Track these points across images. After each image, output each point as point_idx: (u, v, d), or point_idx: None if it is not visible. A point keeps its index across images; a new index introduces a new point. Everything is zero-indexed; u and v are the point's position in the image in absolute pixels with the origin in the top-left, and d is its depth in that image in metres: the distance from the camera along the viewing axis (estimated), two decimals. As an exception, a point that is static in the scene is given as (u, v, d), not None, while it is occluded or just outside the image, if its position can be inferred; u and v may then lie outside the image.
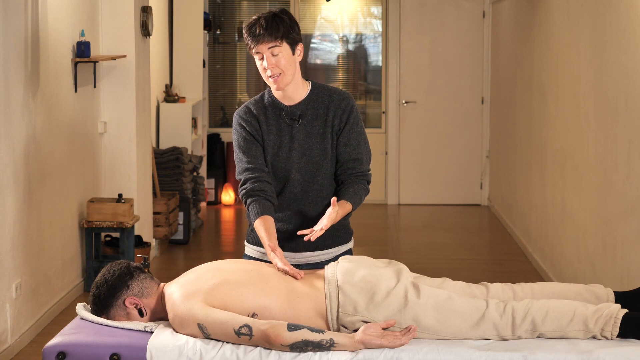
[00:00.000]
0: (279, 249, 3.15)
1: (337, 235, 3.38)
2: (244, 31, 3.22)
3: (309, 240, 3.18)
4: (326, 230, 3.21)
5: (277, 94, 3.31)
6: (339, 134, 3.30)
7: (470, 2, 9.59)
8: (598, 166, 5.14)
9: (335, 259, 3.36)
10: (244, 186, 3.29)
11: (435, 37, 9.63)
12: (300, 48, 3.25)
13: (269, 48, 3.17)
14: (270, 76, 3.21)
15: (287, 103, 3.30)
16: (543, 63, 6.70)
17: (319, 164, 3.29)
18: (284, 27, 3.18)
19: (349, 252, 3.44)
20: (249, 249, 3.44)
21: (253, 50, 3.21)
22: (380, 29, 9.88)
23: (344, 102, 3.31)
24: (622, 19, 4.70)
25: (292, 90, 3.28)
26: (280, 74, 3.20)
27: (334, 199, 3.18)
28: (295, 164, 3.29)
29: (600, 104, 5.09)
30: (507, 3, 8.48)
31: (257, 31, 3.16)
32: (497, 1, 9.13)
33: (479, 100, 9.64)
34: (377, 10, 9.92)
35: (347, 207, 3.25)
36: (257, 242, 3.39)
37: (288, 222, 3.34)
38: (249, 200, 3.27)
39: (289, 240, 3.35)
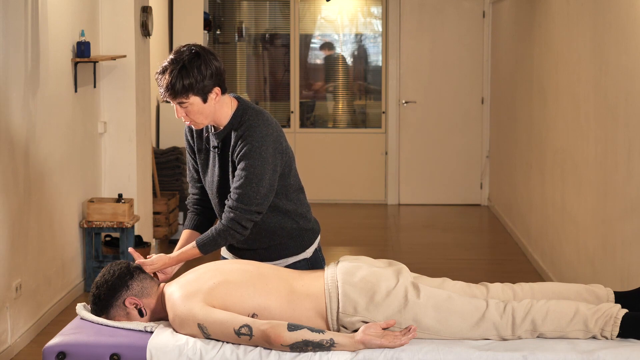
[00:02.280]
0: (167, 255, 3.28)
1: (282, 248, 3.31)
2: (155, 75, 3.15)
3: (256, 253, 3.28)
4: (270, 244, 3.28)
5: None
6: (236, 168, 3.20)
7: (470, 2, 9.58)
8: (598, 166, 5.14)
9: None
10: (188, 199, 3.45)
11: (435, 37, 9.63)
12: (215, 92, 3.12)
13: (177, 103, 3.12)
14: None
15: (214, 129, 3.25)
16: (543, 63, 6.70)
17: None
18: (189, 81, 3.05)
19: (303, 262, 3.33)
20: (223, 250, 3.46)
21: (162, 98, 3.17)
22: (380, 29, 9.88)
23: (242, 139, 3.14)
24: (622, 19, 4.70)
25: (214, 120, 3.21)
26: (192, 121, 3.17)
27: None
28: (218, 190, 3.27)
29: (600, 104, 5.09)
30: (507, 3, 8.48)
31: (164, 84, 3.09)
32: (497, 1, 9.13)
33: (479, 100, 9.64)
34: (377, 10, 9.92)
35: (191, 251, 3.23)
36: (229, 247, 3.40)
37: (238, 244, 3.34)
38: (188, 211, 3.46)
39: (237, 250, 3.35)
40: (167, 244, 7.70)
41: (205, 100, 3.11)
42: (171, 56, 3.11)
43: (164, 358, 2.89)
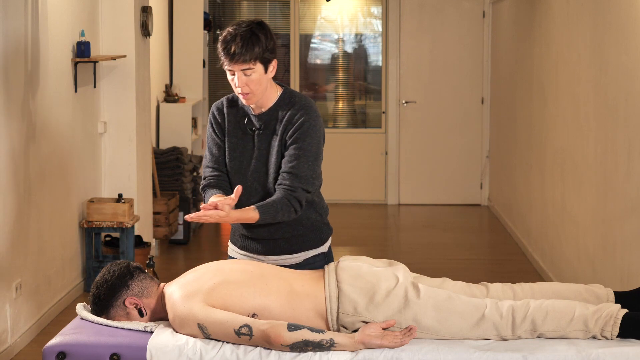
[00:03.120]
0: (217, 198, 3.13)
1: (304, 240, 3.32)
2: (218, 44, 3.15)
3: (276, 245, 3.23)
4: (293, 234, 3.25)
5: None
6: (287, 148, 3.22)
7: (470, 2, 9.58)
8: (598, 166, 5.14)
9: (304, 262, 3.33)
10: (204, 182, 3.34)
11: (435, 37, 9.63)
12: (273, 65, 3.18)
13: (242, 69, 3.12)
14: (239, 93, 3.19)
15: (255, 111, 3.26)
16: (543, 63, 6.70)
17: (274, 176, 3.25)
18: (259, 48, 3.11)
19: (321, 256, 3.37)
20: (231, 250, 3.44)
21: (225, 67, 3.16)
22: (380, 29, 9.88)
23: (296, 117, 3.20)
24: (622, 19, 4.70)
25: (261, 101, 3.24)
26: (249, 93, 3.17)
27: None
28: (254, 173, 3.26)
29: (600, 104, 5.09)
30: (507, 3, 8.48)
31: (232, 50, 3.10)
32: (497, 1, 9.13)
33: (479, 100, 9.64)
34: (377, 10, 9.92)
35: (249, 214, 3.10)
36: (238, 243, 3.39)
37: (251, 234, 3.33)
38: (205, 190, 3.30)
39: (255, 243, 3.33)
40: (167, 244, 7.70)
41: (266, 70, 3.16)
42: (234, 26, 3.13)
43: (164, 358, 2.89)
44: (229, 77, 3.19)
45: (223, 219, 3.02)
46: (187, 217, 2.99)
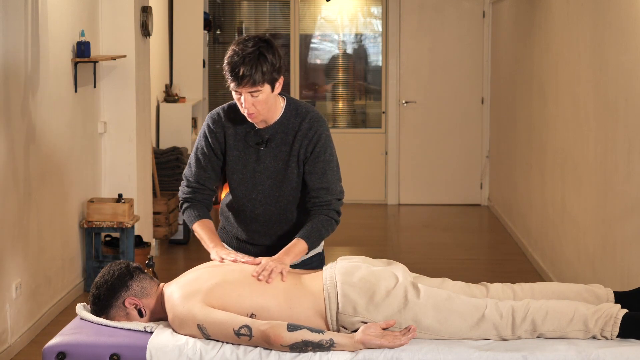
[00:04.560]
0: (220, 244, 3.22)
1: None
2: (225, 64, 3.10)
3: (275, 250, 3.24)
4: (288, 238, 3.27)
5: None
6: (305, 162, 3.24)
7: (470, 2, 9.58)
8: (598, 166, 5.14)
9: (301, 263, 3.34)
10: (184, 190, 3.35)
11: (435, 37, 9.63)
12: (279, 82, 3.15)
13: (249, 92, 3.09)
14: (246, 113, 3.16)
15: (259, 125, 3.24)
16: (543, 63, 6.70)
17: (282, 188, 3.26)
18: (267, 69, 3.07)
19: (317, 257, 3.40)
20: None
21: (231, 89, 3.12)
22: (380, 29, 9.88)
23: (312, 131, 3.22)
24: (622, 18, 4.70)
25: (269, 114, 3.21)
26: (255, 113, 3.15)
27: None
28: (259, 185, 3.27)
29: (600, 104, 5.09)
30: (507, 3, 8.48)
31: (240, 72, 3.05)
32: (497, 1, 9.13)
33: (479, 100, 9.64)
34: (377, 10, 9.92)
35: (300, 247, 3.17)
36: (233, 245, 3.40)
37: (250, 240, 3.35)
38: (185, 205, 3.34)
39: (253, 247, 3.36)
40: (167, 244, 7.70)
41: (273, 89, 3.14)
42: (240, 45, 3.08)
43: (164, 358, 2.89)
44: (235, 96, 3.14)
45: (284, 268, 3.08)
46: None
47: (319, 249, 3.41)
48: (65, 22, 5.81)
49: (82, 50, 5.93)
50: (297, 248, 3.17)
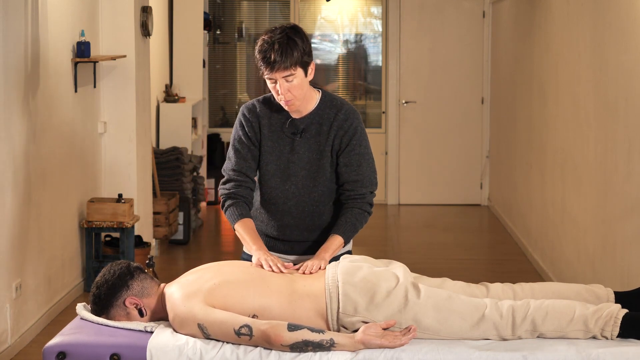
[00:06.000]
0: (264, 248, 3.21)
1: None
2: (256, 53, 3.15)
3: (306, 245, 3.26)
4: (321, 235, 3.30)
5: None
6: (340, 154, 3.27)
7: (470, 2, 9.59)
8: (598, 166, 5.14)
9: (331, 261, 3.34)
10: (226, 186, 3.34)
11: (435, 37, 9.63)
12: (312, 67, 3.19)
13: (284, 76, 3.13)
14: (282, 100, 3.19)
15: (294, 115, 3.27)
16: (543, 63, 6.70)
17: (316, 180, 3.28)
18: (298, 52, 3.12)
19: (348, 253, 3.43)
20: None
21: (266, 76, 3.15)
22: (380, 29, 9.88)
23: (347, 122, 3.26)
24: (622, 18, 4.70)
25: (303, 102, 3.25)
26: (292, 99, 3.18)
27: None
28: (292, 176, 3.28)
29: (600, 104, 5.09)
30: (507, 3, 8.48)
31: (272, 58, 3.10)
32: (497, 1, 9.13)
33: (479, 100, 9.64)
34: (377, 10, 9.92)
35: (336, 242, 3.24)
36: (275, 243, 3.40)
37: (281, 235, 3.35)
38: (228, 202, 3.32)
39: (283, 244, 3.36)
40: (167, 244, 7.70)
41: (306, 74, 3.17)
42: (268, 34, 3.13)
43: (164, 358, 2.89)
44: (270, 85, 3.17)
45: (325, 264, 3.16)
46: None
47: (348, 247, 3.42)
48: (65, 22, 5.81)
49: (82, 50, 5.93)
50: (334, 244, 3.24)
